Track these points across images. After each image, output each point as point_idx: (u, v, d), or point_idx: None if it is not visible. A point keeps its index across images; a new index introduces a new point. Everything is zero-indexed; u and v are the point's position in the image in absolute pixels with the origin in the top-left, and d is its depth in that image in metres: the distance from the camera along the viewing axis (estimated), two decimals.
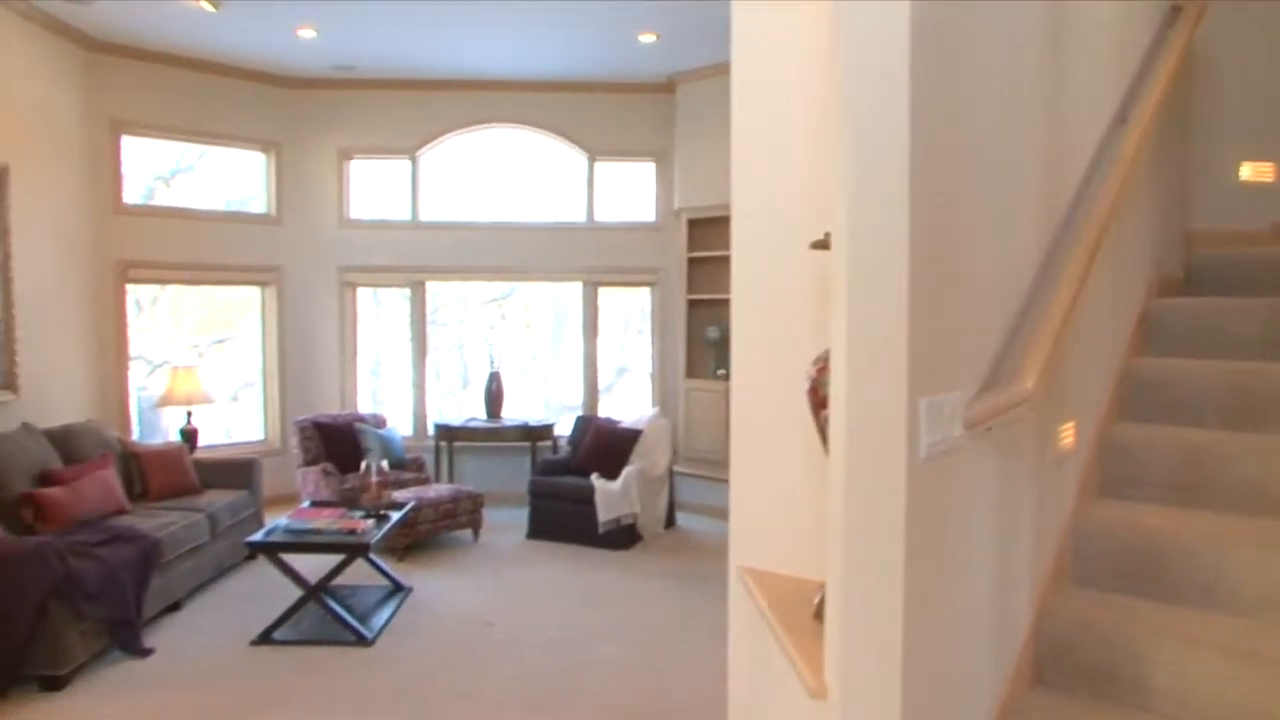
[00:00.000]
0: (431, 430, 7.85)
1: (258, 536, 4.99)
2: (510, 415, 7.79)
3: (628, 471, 6.60)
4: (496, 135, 8.06)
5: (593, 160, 8.03)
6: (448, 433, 7.54)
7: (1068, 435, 2.62)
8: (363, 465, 5.55)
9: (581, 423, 7.34)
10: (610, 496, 6.43)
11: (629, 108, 7.96)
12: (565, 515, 6.58)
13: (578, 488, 6.57)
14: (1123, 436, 2.95)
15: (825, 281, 2.32)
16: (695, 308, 7.69)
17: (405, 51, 6.98)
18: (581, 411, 8.00)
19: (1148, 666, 2.24)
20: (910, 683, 1.72)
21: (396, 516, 5.36)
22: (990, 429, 2.05)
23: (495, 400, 7.66)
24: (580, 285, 8.12)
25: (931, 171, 1.73)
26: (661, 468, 6.85)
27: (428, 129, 7.90)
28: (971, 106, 1.94)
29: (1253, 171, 4.22)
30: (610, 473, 6.64)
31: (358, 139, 7.90)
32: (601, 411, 8.01)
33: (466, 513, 6.52)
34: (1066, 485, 2.70)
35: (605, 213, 8.11)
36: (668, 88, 7.77)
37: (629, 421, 7.11)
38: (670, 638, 4.74)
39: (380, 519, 5.20)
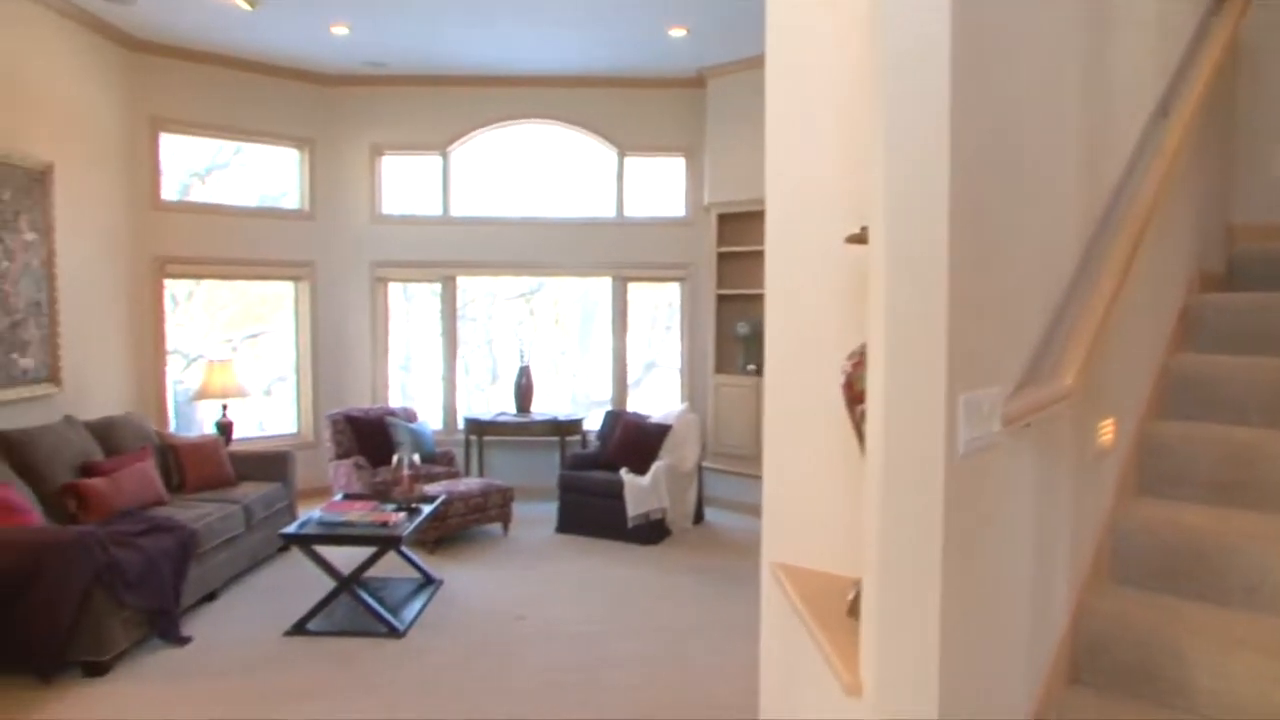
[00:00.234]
0: (461, 424, 7.90)
1: (292, 528, 5.05)
2: (539, 410, 7.82)
3: (657, 466, 6.60)
4: (527, 131, 8.08)
5: (622, 155, 8.03)
6: (478, 427, 7.58)
7: (1107, 432, 2.59)
8: (394, 459, 5.60)
9: (611, 417, 7.35)
10: (639, 491, 6.43)
11: (659, 102, 7.95)
12: (594, 510, 6.60)
13: (607, 482, 6.58)
14: (1163, 434, 2.90)
15: (861, 276, 2.30)
16: (725, 303, 7.67)
17: (437, 48, 7.02)
18: (609, 406, 8.02)
19: (1189, 667, 2.21)
20: (947, 680, 1.71)
21: (428, 510, 5.40)
22: (1029, 425, 2.03)
23: (525, 395, 7.70)
24: (610, 280, 8.13)
25: (972, 165, 1.71)
26: (690, 463, 6.84)
27: (458, 125, 7.94)
28: (1012, 99, 1.92)
29: None
30: (639, 468, 6.65)
31: (390, 135, 7.95)
32: (630, 407, 8.02)
33: (496, 506, 6.56)
34: (1105, 483, 2.66)
35: (635, 208, 8.11)
36: (698, 82, 7.75)
37: (658, 416, 7.12)
38: (699, 633, 4.73)
39: (412, 512, 5.24)
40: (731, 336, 7.62)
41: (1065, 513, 2.34)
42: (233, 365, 7.02)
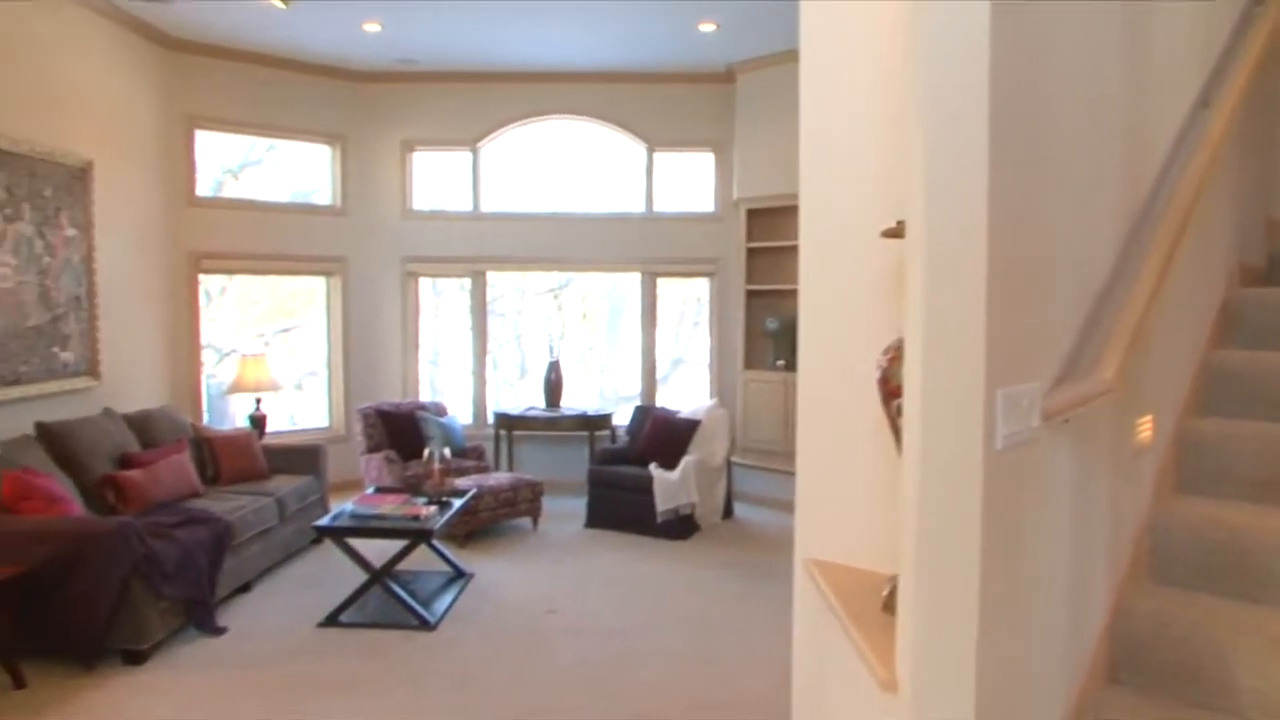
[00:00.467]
0: (491, 419, 7.94)
1: (325, 521, 5.10)
2: (569, 405, 7.85)
3: (686, 461, 6.60)
4: (556, 126, 8.10)
5: (651, 151, 8.02)
6: (507, 421, 7.62)
7: (1146, 428, 2.56)
8: (425, 452, 5.64)
9: (640, 413, 7.36)
10: (668, 486, 6.44)
11: (688, 98, 7.94)
12: (623, 504, 6.61)
13: (636, 477, 6.59)
14: (1203, 431, 2.86)
15: (896, 270, 2.29)
16: (754, 298, 7.65)
17: (467, 44, 7.05)
18: (637, 402, 8.02)
19: (1231, 667, 2.18)
20: (984, 677, 1.69)
21: (459, 503, 5.44)
22: (1067, 421, 2.00)
23: (554, 390, 7.72)
24: (639, 276, 8.13)
25: (1011, 157, 1.70)
26: (719, 458, 6.83)
27: (488, 121, 7.97)
28: (1052, 91, 1.90)
29: None
30: (668, 463, 6.65)
31: (420, 131, 8.00)
32: (658, 402, 8.03)
33: (526, 501, 6.59)
34: (1144, 480, 2.63)
35: (664, 203, 8.10)
36: (727, 77, 7.73)
37: (687, 412, 7.11)
38: (729, 628, 4.73)
39: (443, 506, 5.28)
40: (760, 332, 7.60)
41: (1103, 510, 2.31)
42: (266, 359, 7.10)
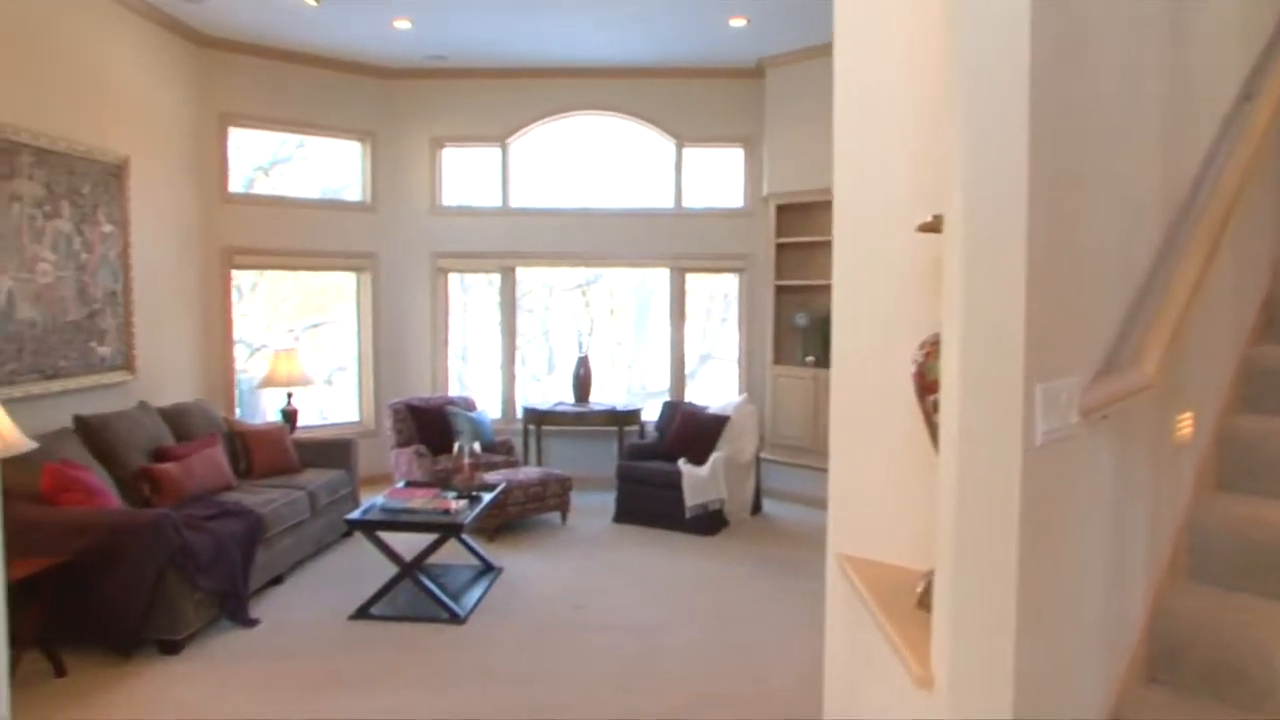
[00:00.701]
0: (520, 414, 7.97)
1: (356, 514, 5.14)
2: (597, 400, 7.86)
3: (715, 457, 6.59)
4: (585, 122, 8.10)
5: (681, 146, 8.01)
6: (536, 416, 7.64)
7: (1185, 425, 2.51)
8: (455, 447, 5.67)
9: (669, 408, 7.35)
10: (697, 482, 6.43)
11: (717, 93, 7.91)
12: (652, 500, 6.61)
13: (665, 473, 6.59)
14: (1244, 428, 2.81)
15: (932, 264, 2.27)
16: (783, 294, 7.61)
17: (496, 40, 7.07)
18: (664, 397, 8.02)
19: (1277, 669, 2.14)
20: (1022, 674, 1.67)
21: (489, 498, 5.46)
22: (1106, 417, 1.98)
23: (583, 385, 7.73)
24: (668, 271, 8.12)
25: (1050, 149, 1.67)
26: (748, 454, 6.81)
27: (518, 117, 7.99)
28: (1092, 82, 1.87)
29: None
30: (697, 458, 6.64)
31: (449, 127, 8.04)
32: (686, 398, 8.02)
33: (555, 495, 6.61)
34: (1183, 478, 2.59)
35: (693, 199, 8.08)
36: (757, 72, 7.69)
37: (716, 407, 7.10)
38: (759, 624, 4.72)
39: (473, 500, 5.31)
40: (790, 327, 7.56)
41: (1142, 507, 2.28)
42: (298, 354, 7.17)
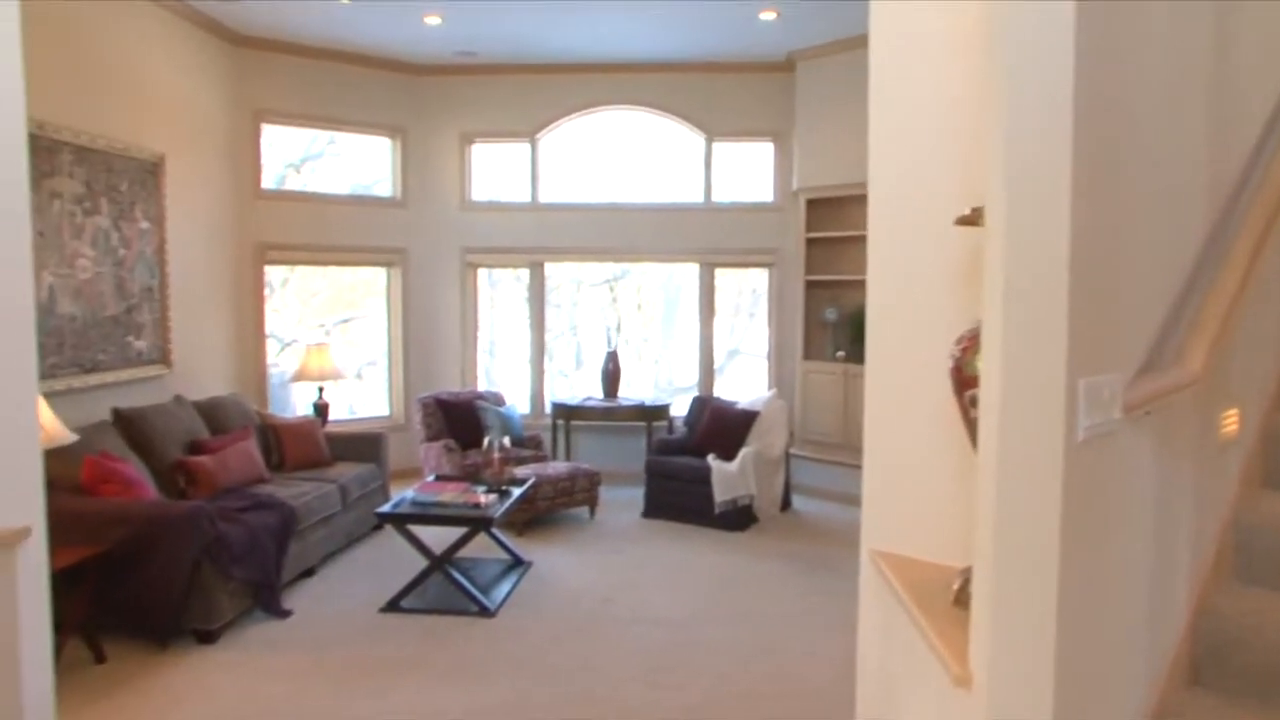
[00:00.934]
0: (548, 409, 7.99)
1: (387, 508, 5.18)
2: (626, 395, 7.86)
3: (744, 453, 6.57)
4: (614, 117, 8.10)
5: (710, 140, 7.98)
6: (565, 411, 7.66)
7: (1231, 422, 2.47)
8: (485, 441, 5.69)
9: (698, 403, 7.34)
10: (727, 477, 6.41)
11: (747, 87, 7.87)
12: (681, 495, 6.61)
13: (694, 468, 6.58)
14: None
15: (970, 258, 2.24)
16: (813, 289, 7.57)
17: (526, 35, 7.08)
18: (693, 392, 8.01)
19: None
20: (1063, 673, 1.65)
21: (518, 492, 5.48)
22: (1149, 413, 1.94)
23: (612, 380, 7.74)
24: (697, 266, 8.10)
25: (1094, 139, 1.64)
26: (778, 450, 6.78)
27: (547, 112, 8.00)
28: (1137, 72, 1.84)
29: None
30: (726, 454, 6.62)
31: (479, 123, 8.06)
32: (715, 393, 8.00)
33: (583, 490, 6.62)
34: (1228, 476, 2.54)
35: (722, 193, 8.06)
36: (787, 66, 7.65)
37: (745, 403, 7.07)
38: (788, 620, 4.70)
39: (502, 494, 5.32)
40: (820, 323, 7.51)
41: (1186, 506, 2.24)
42: (329, 349, 7.23)
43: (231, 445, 5.47)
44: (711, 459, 6.56)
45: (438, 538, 5.11)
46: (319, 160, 7.88)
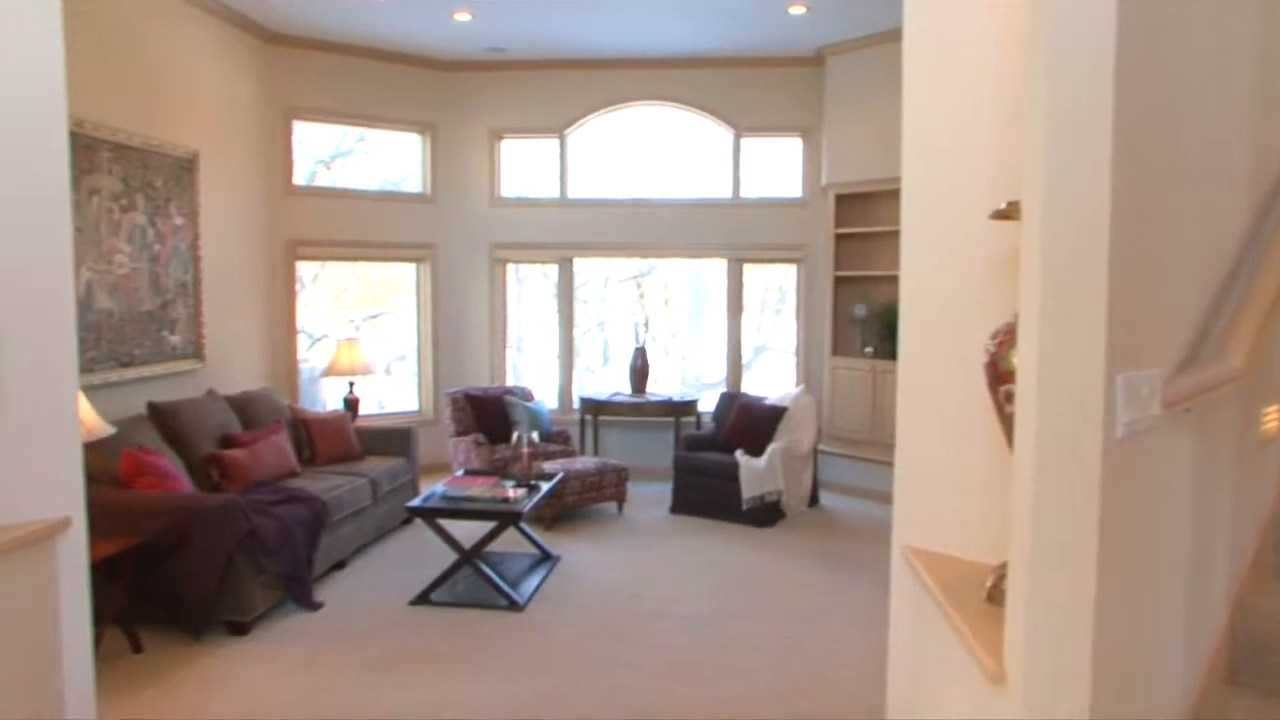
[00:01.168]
0: (576, 404, 8.01)
1: (417, 502, 5.21)
2: (654, 391, 7.86)
3: (772, 449, 6.55)
4: (643, 112, 8.09)
5: (739, 136, 7.95)
6: (593, 407, 7.67)
7: (1271, 419, 2.43)
8: (514, 436, 5.71)
9: (726, 399, 7.33)
10: (755, 473, 6.39)
11: (776, 82, 7.84)
12: (709, 491, 6.60)
13: (722, 464, 6.57)
14: None
15: (1005, 252, 2.22)
16: (842, 285, 7.53)
17: (555, 31, 7.09)
18: (720, 388, 8.00)
19: None
20: (1100, 671, 1.64)
21: (547, 487, 5.50)
22: (1189, 409, 1.92)
23: (640, 376, 7.74)
24: (725, 262, 8.08)
25: (1135, 131, 1.62)
26: (806, 446, 6.76)
27: (576, 108, 8.01)
28: (1179, 62, 1.81)
29: None
30: (754, 449, 6.60)
31: (508, 119, 8.09)
32: (743, 389, 7.98)
33: (612, 485, 6.63)
34: (1268, 474, 2.50)
35: (751, 189, 8.03)
36: (816, 61, 7.60)
37: (774, 399, 7.05)
38: (817, 617, 4.68)
39: (531, 489, 5.34)
40: (848, 319, 7.47)
41: (1225, 504, 2.20)
42: (359, 344, 7.30)
43: (263, 439, 5.54)
44: (739, 455, 6.54)
45: (467, 532, 5.14)
46: (349, 157, 7.95)
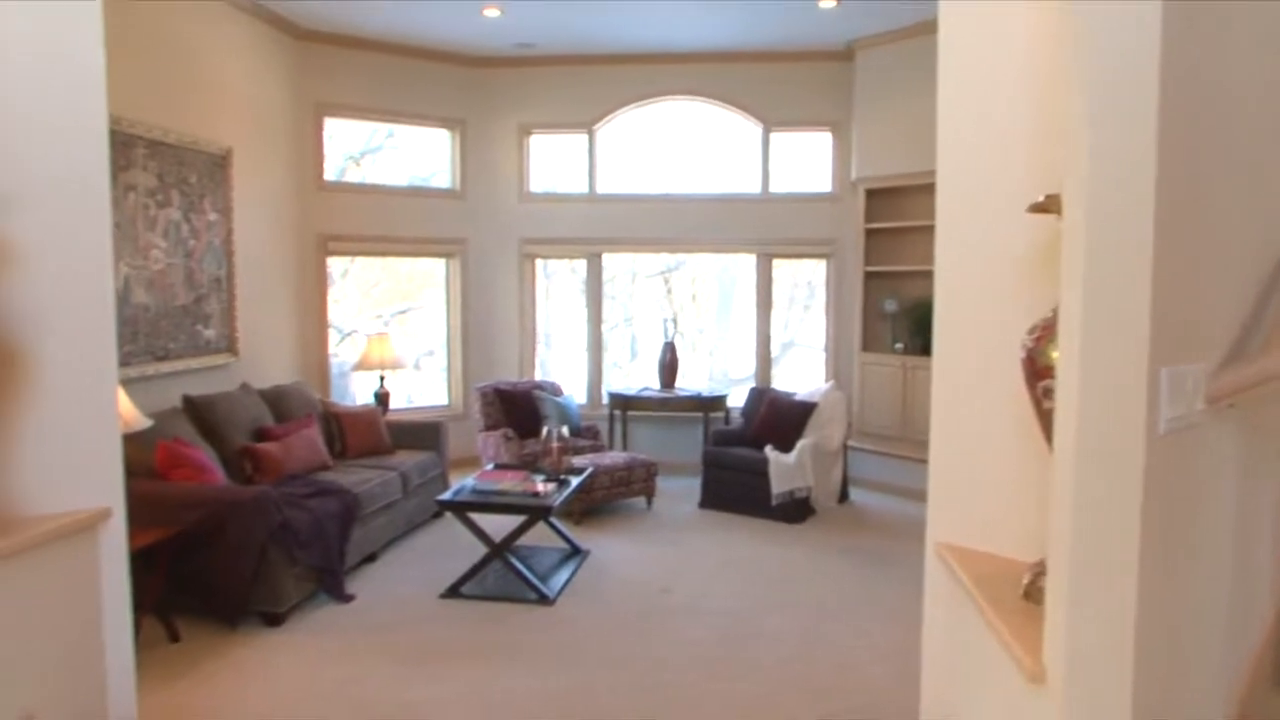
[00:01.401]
0: (605, 399, 8.02)
1: (447, 495, 5.25)
2: (682, 386, 7.85)
3: (802, 444, 6.52)
4: (672, 107, 8.07)
5: (768, 130, 7.91)
6: (622, 402, 7.68)
7: None
8: (543, 431, 5.73)
9: (755, 394, 7.30)
10: (784, 469, 6.37)
11: (806, 76, 7.79)
12: (738, 486, 6.58)
13: (751, 459, 6.55)
14: None
15: (1042, 246, 2.19)
16: (872, 280, 7.47)
17: (584, 27, 7.09)
18: (748, 383, 7.97)
19: None
20: (1142, 670, 1.61)
21: (577, 481, 5.51)
22: (1234, 405, 1.88)
23: (669, 371, 7.73)
24: (754, 257, 8.05)
25: (1180, 121, 1.59)
26: (836, 442, 6.72)
27: (604, 103, 8.01)
28: (1227, 47, 1.77)
29: None
30: (784, 445, 6.58)
31: (537, 114, 8.10)
32: (772, 385, 7.94)
33: (640, 480, 6.63)
34: None
35: (780, 184, 7.99)
36: (846, 55, 7.55)
37: (803, 394, 7.02)
38: (846, 613, 4.66)
39: (561, 483, 5.35)
40: (878, 314, 7.42)
41: (1270, 502, 2.15)
42: (390, 338, 7.35)
43: (296, 432, 5.59)
44: (769, 450, 6.52)
45: (496, 526, 5.16)
46: (378, 153, 8.00)
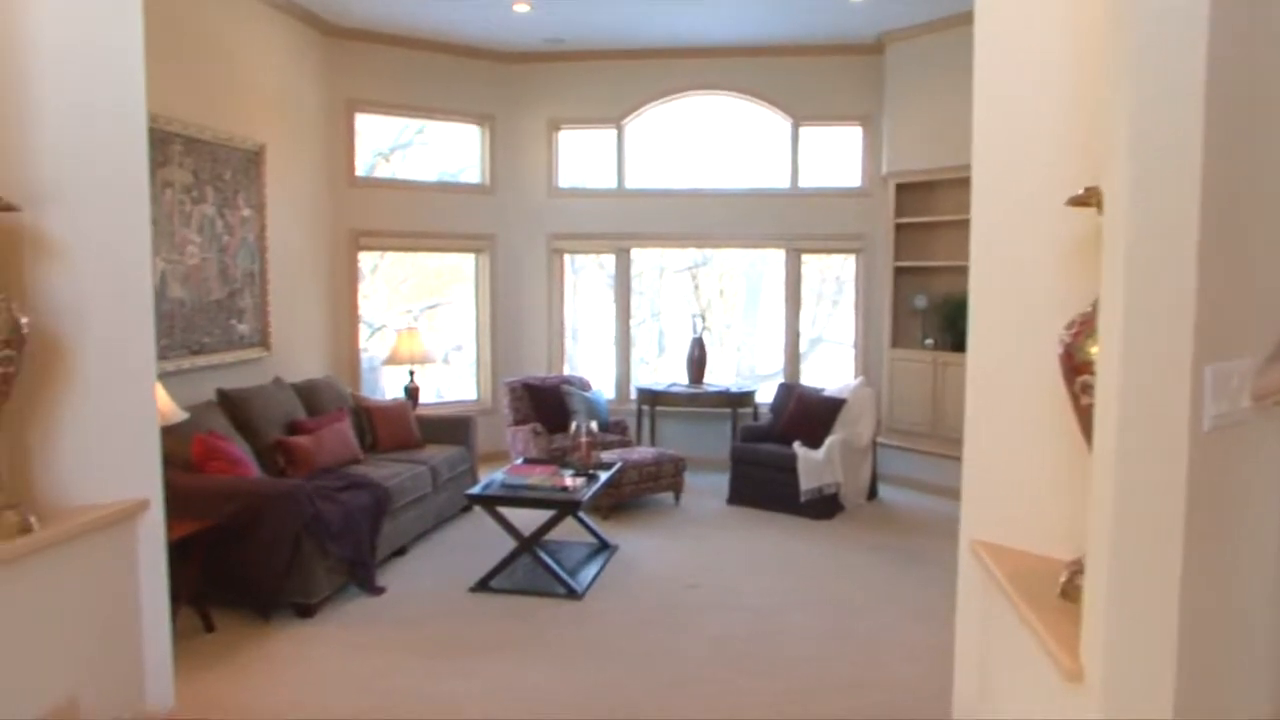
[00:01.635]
0: (634, 394, 8.02)
1: (477, 489, 5.28)
2: (711, 382, 7.84)
3: (831, 441, 6.49)
4: (701, 102, 8.05)
5: (797, 125, 7.87)
6: (650, 397, 7.68)
7: None
8: (572, 426, 5.74)
9: (784, 390, 7.27)
10: (813, 465, 6.34)
11: (835, 70, 7.73)
12: (766, 482, 6.56)
13: (779, 455, 6.52)
14: None
15: (1082, 239, 2.16)
16: (902, 275, 7.41)
17: (613, 22, 7.08)
18: (775, 379, 7.94)
19: None
20: (1184, 670, 1.59)
21: (606, 476, 5.51)
22: (1279, 403, 1.84)
23: (698, 366, 7.72)
24: (783, 252, 8.02)
25: (1227, 112, 1.56)
26: (865, 438, 6.68)
27: (633, 98, 8.00)
28: (1275, 35, 1.73)
29: None
30: (813, 441, 6.55)
31: (566, 109, 8.11)
32: (801, 381, 7.91)
33: (669, 475, 6.63)
34: None
35: (809, 178, 7.94)
36: (876, 48, 7.48)
37: (832, 390, 6.98)
38: (875, 611, 4.63)
39: (590, 478, 5.36)
40: (908, 310, 7.36)
41: None
42: (419, 333, 7.40)
43: (328, 426, 5.64)
44: (797, 446, 6.50)
45: (524, 520, 5.19)
46: (408, 149, 8.05)
